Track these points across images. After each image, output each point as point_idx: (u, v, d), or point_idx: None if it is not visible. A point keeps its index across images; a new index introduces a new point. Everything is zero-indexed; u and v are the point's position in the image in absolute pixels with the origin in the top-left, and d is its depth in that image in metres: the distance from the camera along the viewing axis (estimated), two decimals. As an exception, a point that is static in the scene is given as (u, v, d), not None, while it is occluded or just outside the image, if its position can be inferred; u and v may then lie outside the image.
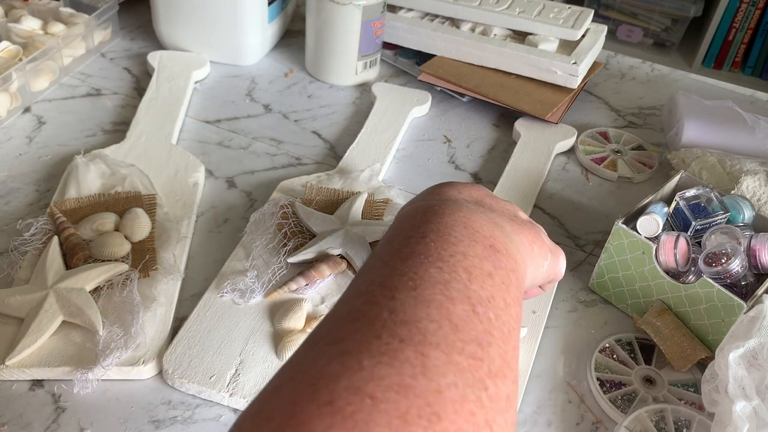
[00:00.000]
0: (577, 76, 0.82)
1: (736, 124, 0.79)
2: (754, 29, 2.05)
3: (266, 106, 0.83)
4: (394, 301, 0.31)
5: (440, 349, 0.29)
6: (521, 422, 0.52)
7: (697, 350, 0.55)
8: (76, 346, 0.52)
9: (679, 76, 0.97)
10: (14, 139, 0.74)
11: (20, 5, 0.85)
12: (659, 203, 0.61)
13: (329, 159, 0.76)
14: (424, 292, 0.32)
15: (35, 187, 0.68)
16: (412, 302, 0.31)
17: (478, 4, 0.88)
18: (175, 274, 0.58)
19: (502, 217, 0.41)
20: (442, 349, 0.29)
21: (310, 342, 0.30)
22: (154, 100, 0.79)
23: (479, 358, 0.30)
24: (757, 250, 0.55)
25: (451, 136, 0.81)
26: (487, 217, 0.39)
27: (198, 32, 0.86)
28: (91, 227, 0.60)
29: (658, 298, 0.58)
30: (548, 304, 0.60)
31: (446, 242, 0.35)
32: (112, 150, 0.71)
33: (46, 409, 0.49)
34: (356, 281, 0.35)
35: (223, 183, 0.71)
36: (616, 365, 0.56)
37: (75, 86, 0.82)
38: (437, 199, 0.40)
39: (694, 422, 0.51)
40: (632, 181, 0.77)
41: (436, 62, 0.87)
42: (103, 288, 0.55)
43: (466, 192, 0.42)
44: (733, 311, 0.53)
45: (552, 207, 0.72)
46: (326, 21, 0.82)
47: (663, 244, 0.57)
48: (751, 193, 0.66)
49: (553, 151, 0.78)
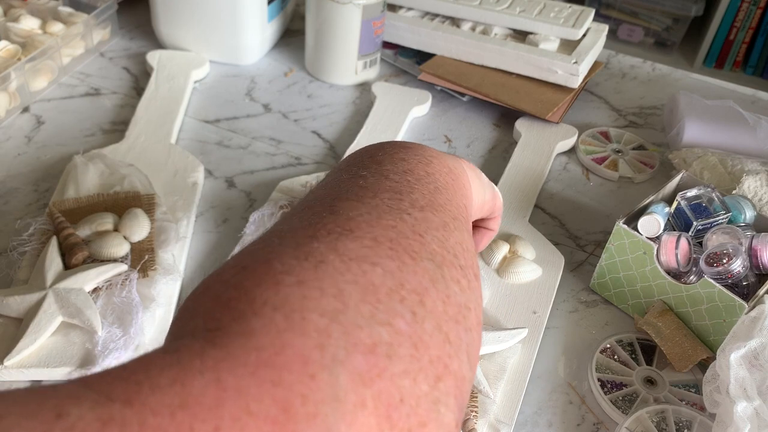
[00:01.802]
0: (578, 76, 0.82)
1: (738, 123, 0.79)
2: (755, 29, 2.05)
3: (266, 106, 0.82)
4: (308, 196, 0.33)
5: (350, 200, 0.29)
6: (522, 423, 0.52)
7: (699, 351, 0.55)
8: (75, 346, 0.52)
9: (681, 76, 0.96)
10: (13, 139, 0.73)
11: (19, 4, 0.85)
12: (660, 203, 0.61)
13: (329, 159, 0.76)
14: (333, 182, 0.33)
15: (34, 187, 0.68)
16: (321, 189, 0.33)
17: (478, 4, 0.88)
18: (175, 275, 0.58)
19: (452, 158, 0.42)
20: (351, 199, 0.29)
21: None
22: (154, 99, 0.78)
23: (397, 198, 0.30)
24: (759, 250, 0.55)
25: (451, 136, 0.81)
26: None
27: (197, 32, 0.85)
28: (90, 227, 0.60)
29: (659, 299, 0.58)
30: (549, 305, 0.60)
31: (360, 156, 0.36)
32: (111, 150, 0.70)
33: (44, 410, 0.49)
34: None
35: (222, 183, 0.71)
36: (617, 366, 0.56)
37: (74, 86, 0.82)
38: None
39: (695, 423, 0.51)
40: (633, 181, 0.76)
41: (436, 62, 0.87)
42: (102, 288, 0.55)
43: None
44: (735, 311, 0.53)
45: (553, 207, 0.72)
46: (326, 20, 0.82)
47: (664, 244, 0.57)
48: (752, 193, 0.66)
49: (554, 151, 0.78)
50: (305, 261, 0.25)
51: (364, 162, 0.35)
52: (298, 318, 0.22)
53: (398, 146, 0.37)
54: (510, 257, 0.62)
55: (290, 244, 0.26)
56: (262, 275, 0.24)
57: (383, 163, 0.34)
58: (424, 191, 0.32)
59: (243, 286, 0.24)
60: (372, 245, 0.26)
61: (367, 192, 0.30)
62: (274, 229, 0.30)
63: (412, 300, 0.25)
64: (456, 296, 0.27)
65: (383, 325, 0.23)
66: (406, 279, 0.25)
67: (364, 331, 0.23)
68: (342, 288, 0.24)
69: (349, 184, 0.32)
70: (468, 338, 0.27)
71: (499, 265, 0.62)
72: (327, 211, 0.29)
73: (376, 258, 0.26)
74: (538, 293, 0.60)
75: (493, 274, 0.61)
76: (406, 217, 0.28)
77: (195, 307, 0.25)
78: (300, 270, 0.24)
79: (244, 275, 0.25)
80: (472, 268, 0.30)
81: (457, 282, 0.28)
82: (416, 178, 0.33)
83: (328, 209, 0.29)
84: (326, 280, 0.24)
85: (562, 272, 0.63)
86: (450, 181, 0.35)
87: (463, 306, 0.27)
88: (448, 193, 0.34)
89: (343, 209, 0.29)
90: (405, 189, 0.31)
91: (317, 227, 0.27)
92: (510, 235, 0.65)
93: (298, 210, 0.31)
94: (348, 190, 0.31)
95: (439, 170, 0.35)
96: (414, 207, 0.30)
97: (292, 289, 0.23)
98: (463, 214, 0.34)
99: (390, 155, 0.35)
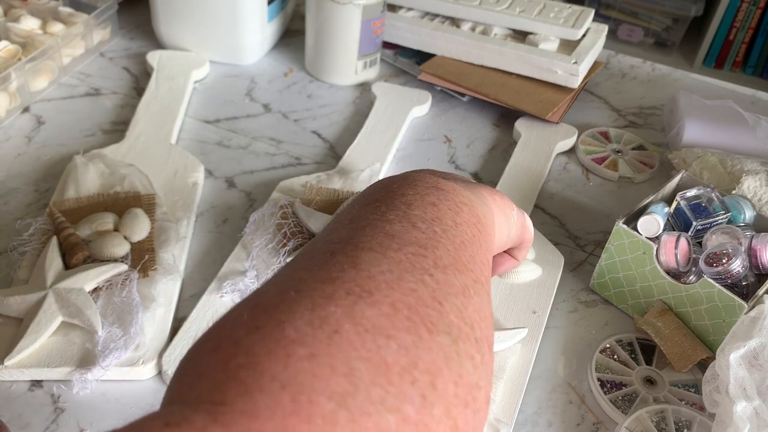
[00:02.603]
0: (578, 76, 0.82)
1: (737, 123, 0.79)
2: (755, 29, 2.05)
3: (266, 106, 0.82)
4: (331, 234, 0.31)
5: (373, 251, 0.28)
6: (521, 423, 0.52)
7: (698, 351, 0.55)
8: (76, 346, 0.52)
9: (680, 76, 0.97)
10: (13, 139, 0.73)
11: (19, 5, 0.85)
12: (660, 203, 0.61)
13: (329, 159, 0.76)
14: (359, 223, 0.31)
15: (34, 187, 0.68)
16: (346, 229, 0.31)
17: (478, 4, 0.88)
18: (175, 275, 0.58)
19: (489, 195, 0.41)
20: (375, 250, 0.28)
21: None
22: (154, 99, 0.78)
23: (421, 254, 0.29)
24: (758, 250, 0.55)
25: (451, 136, 0.81)
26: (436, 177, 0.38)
27: (197, 32, 0.85)
28: (90, 227, 0.60)
29: (659, 299, 0.58)
30: (549, 305, 0.60)
31: (391, 193, 0.34)
32: (112, 150, 0.70)
33: (45, 409, 0.49)
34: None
35: (222, 183, 0.71)
36: (617, 366, 0.56)
37: (74, 86, 0.82)
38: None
39: (694, 423, 0.51)
40: (633, 181, 0.76)
41: (436, 62, 0.87)
42: (102, 288, 0.55)
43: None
44: (734, 311, 0.53)
45: (552, 207, 0.72)
46: (326, 20, 0.82)
47: (664, 244, 0.57)
48: (752, 193, 0.66)
49: (554, 151, 0.78)
50: (319, 329, 0.24)
51: (393, 200, 0.33)
52: (306, 401, 0.21)
53: (431, 186, 0.35)
54: (510, 257, 0.62)
55: (307, 305, 0.25)
56: (273, 343, 0.23)
57: (412, 206, 0.33)
58: (449, 246, 0.31)
59: (253, 352, 0.23)
60: (390, 313, 0.25)
61: (392, 243, 0.29)
62: (294, 270, 0.28)
63: (423, 382, 0.24)
64: (468, 375, 0.26)
65: (392, 411, 0.23)
66: (420, 357, 0.25)
67: (372, 419, 0.22)
68: (354, 366, 0.23)
69: (373, 228, 0.30)
70: (475, 421, 0.26)
71: (498, 265, 0.62)
72: (349, 264, 0.27)
73: (392, 330, 0.25)
74: (538, 293, 0.60)
75: (492, 274, 0.62)
76: (427, 280, 0.28)
77: (202, 367, 0.24)
78: (313, 341, 0.23)
79: (256, 338, 0.24)
80: (488, 340, 0.29)
81: (471, 358, 0.27)
82: (443, 228, 0.32)
83: (350, 261, 0.28)
84: (338, 356, 0.23)
85: (562, 272, 0.63)
86: (477, 233, 0.34)
87: (474, 386, 0.26)
88: (473, 248, 0.33)
89: (365, 263, 0.27)
90: (431, 243, 0.30)
91: (336, 284, 0.26)
92: (510, 235, 0.65)
93: (320, 250, 0.30)
94: (372, 236, 0.30)
95: (467, 221, 0.34)
96: (437, 267, 0.29)
97: (303, 364, 0.22)
98: (486, 274, 0.33)
99: (421, 197, 0.34)
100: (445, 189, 0.35)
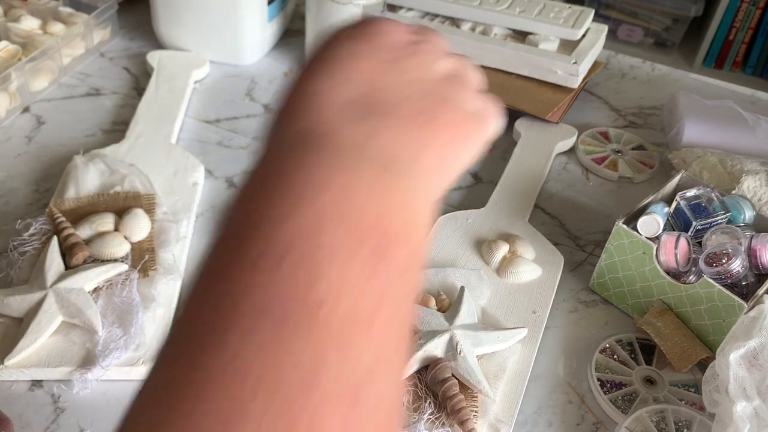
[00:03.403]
0: (578, 76, 0.82)
1: (737, 124, 0.79)
2: (754, 29, 2.05)
3: (266, 106, 0.83)
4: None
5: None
6: (521, 422, 0.52)
7: (698, 350, 0.55)
8: (76, 346, 0.52)
9: (680, 76, 0.97)
10: (13, 139, 0.73)
11: (19, 5, 0.85)
12: (660, 203, 0.61)
13: (329, 159, 0.76)
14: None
15: (34, 187, 0.68)
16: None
17: (478, 4, 0.88)
18: (175, 274, 0.58)
19: (400, 132, 0.28)
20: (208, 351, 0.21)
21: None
22: (154, 99, 0.78)
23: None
24: (758, 250, 0.55)
25: (451, 136, 0.81)
26: (374, 173, 0.26)
27: (197, 32, 0.85)
28: (90, 227, 0.60)
29: (659, 299, 0.58)
30: (549, 305, 0.60)
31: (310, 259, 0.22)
32: (112, 150, 0.70)
33: (45, 409, 0.49)
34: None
35: (222, 183, 0.71)
36: (617, 365, 0.56)
37: (74, 86, 0.82)
38: (297, 137, 0.28)
39: (694, 423, 0.51)
40: (633, 180, 0.76)
41: (436, 62, 0.87)
42: (102, 288, 0.55)
43: (346, 83, 0.30)
44: (734, 311, 0.53)
45: (552, 207, 0.72)
46: (326, 20, 0.82)
47: (664, 244, 0.57)
48: (751, 193, 0.66)
49: (554, 151, 0.78)
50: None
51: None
52: None
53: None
54: (510, 257, 0.62)
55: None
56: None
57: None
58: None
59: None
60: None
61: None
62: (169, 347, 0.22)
63: None
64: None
65: None
66: None
67: None
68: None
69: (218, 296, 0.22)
70: None
71: (498, 265, 0.62)
72: (188, 366, 0.21)
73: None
74: (538, 293, 0.60)
75: (492, 274, 0.62)
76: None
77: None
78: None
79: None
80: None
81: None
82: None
83: (187, 365, 0.21)
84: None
85: (562, 272, 0.63)
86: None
87: None
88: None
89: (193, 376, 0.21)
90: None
91: (178, 396, 0.20)
92: (510, 235, 0.65)
93: (191, 311, 0.23)
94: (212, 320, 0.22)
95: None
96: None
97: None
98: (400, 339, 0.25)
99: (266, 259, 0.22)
100: (384, 245, 0.24)
